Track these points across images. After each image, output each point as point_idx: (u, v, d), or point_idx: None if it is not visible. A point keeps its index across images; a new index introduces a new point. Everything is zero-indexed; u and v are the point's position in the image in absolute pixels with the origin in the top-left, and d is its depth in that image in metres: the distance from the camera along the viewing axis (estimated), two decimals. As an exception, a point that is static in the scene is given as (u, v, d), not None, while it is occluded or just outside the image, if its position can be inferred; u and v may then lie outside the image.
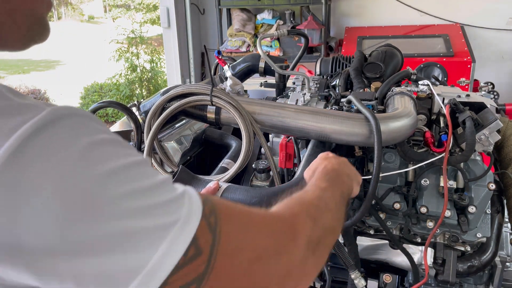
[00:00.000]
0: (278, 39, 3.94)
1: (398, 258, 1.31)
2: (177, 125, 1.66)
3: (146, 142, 1.33)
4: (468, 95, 1.33)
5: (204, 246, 0.46)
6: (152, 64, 8.03)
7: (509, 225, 1.35)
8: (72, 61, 13.43)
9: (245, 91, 1.65)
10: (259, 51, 1.55)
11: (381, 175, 1.15)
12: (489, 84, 1.61)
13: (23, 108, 0.44)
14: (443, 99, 1.30)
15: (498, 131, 1.20)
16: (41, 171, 0.41)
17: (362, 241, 1.33)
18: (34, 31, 0.56)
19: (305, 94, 1.44)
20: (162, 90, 1.40)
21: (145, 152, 1.33)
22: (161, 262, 0.43)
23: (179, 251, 0.44)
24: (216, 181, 1.07)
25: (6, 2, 0.51)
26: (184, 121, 1.70)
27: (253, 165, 1.33)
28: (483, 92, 1.52)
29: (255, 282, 0.50)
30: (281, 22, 4.08)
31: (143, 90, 7.95)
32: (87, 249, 0.42)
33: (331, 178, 0.82)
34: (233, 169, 1.26)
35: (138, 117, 1.47)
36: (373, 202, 1.22)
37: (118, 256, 0.43)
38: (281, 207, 0.61)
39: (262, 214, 0.56)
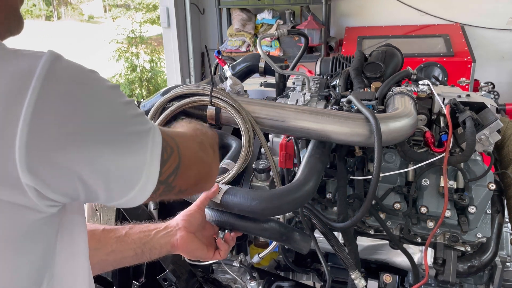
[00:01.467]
0: (278, 39, 3.94)
1: (398, 258, 1.31)
2: (177, 125, 1.66)
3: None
4: (468, 95, 1.33)
5: (174, 146, 0.69)
6: (152, 64, 8.02)
7: (509, 225, 1.35)
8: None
9: (245, 91, 1.64)
10: (259, 51, 1.55)
11: (381, 175, 1.15)
12: (489, 84, 1.61)
13: (21, 54, 0.56)
14: (443, 99, 1.30)
15: (498, 131, 1.20)
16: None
17: (362, 241, 1.33)
18: (10, 22, 0.63)
19: (305, 94, 1.44)
20: (162, 90, 1.40)
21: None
22: (152, 160, 0.64)
23: (159, 147, 0.65)
24: (217, 184, 1.07)
25: None
26: (184, 121, 1.69)
27: (253, 165, 1.33)
28: (483, 92, 1.52)
29: (200, 170, 0.79)
30: (281, 22, 4.08)
31: (143, 90, 7.95)
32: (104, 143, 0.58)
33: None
34: (233, 170, 1.26)
35: (138, 117, 1.47)
36: (373, 202, 1.21)
37: (126, 156, 0.61)
38: (190, 131, 0.85)
39: (190, 134, 0.82)
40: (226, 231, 1.08)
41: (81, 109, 0.56)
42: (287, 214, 1.31)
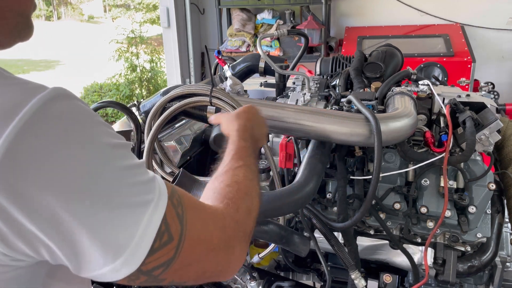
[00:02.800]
0: (278, 39, 3.93)
1: (398, 258, 1.31)
2: (177, 125, 1.66)
3: (146, 143, 1.33)
4: (468, 95, 1.33)
5: (175, 234, 0.53)
6: (152, 64, 8.02)
7: (509, 225, 1.34)
8: (72, 61, 13.42)
9: (245, 91, 1.64)
10: (259, 51, 1.55)
11: (381, 175, 1.15)
12: (489, 84, 1.61)
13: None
14: (443, 99, 1.30)
15: (498, 131, 1.20)
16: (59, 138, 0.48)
17: (362, 241, 1.33)
18: (21, 29, 0.59)
19: (305, 94, 1.44)
20: (162, 90, 1.40)
21: (145, 153, 1.33)
22: (138, 245, 0.50)
23: (154, 231, 0.51)
24: None
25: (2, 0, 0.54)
26: (184, 121, 1.70)
27: (253, 165, 1.33)
28: (483, 92, 1.52)
29: (206, 268, 0.58)
30: (281, 22, 4.08)
31: (143, 90, 7.95)
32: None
33: (245, 148, 0.84)
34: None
35: (138, 117, 1.47)
36: (373, 202, 1.21)
37: (109, 229, 0.49)
38: (219, 200, 0.66)
39: (212, 209, 0.62)
40: None
41: (63, 161, 0.46)
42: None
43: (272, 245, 1.35)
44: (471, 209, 1.21)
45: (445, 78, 2.25)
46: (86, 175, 0.48)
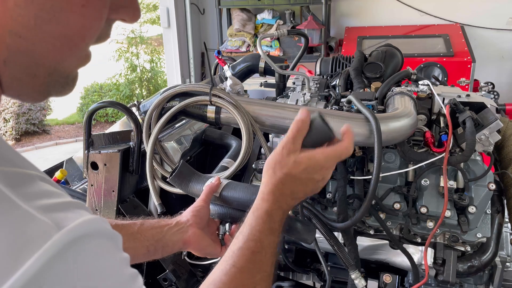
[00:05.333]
0: (278, 39, 3.93)
1: (398, 258, 1.31)
2: (177, 125, 1.66)
3: (148, 147, 1.33)
4: (468, 95, 1.33)
5: None
6: (152, 64, 8.03)
7: (509, 225, 1.35)
8: (72, 61, 13.39)
9: (245, 91, 1.64)
10: (259, 51, 1.55)
11: (381, 175, 1.15)
12: (489, 84, 1.61)
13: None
14: (443, 99, 1.30)
15: (498, 131, 1.20)
16: None
17: (362, 241, 1.33)
18: (53, 87, 0.49)
19: (305, 94, 1.44)
20: (162, 90, 1.40)
21: (147, 155, 1.33)
22: None
23: None
24: (218, 176, 1.07)
25: (28, 56, 0.45)
26: (184, 121, 1.70)
27: (253, 165, 1.33)
28: (483, 92, 1.52)
29: None
30: (281, 22, 4.08)
31: (143, 90, 7.95)
32: None
33: (273, 215, 0.77)
34: (233, 166, 1.26)
35: (138, 117, 1.47)
36: (373, 202, 1.21)
37: None
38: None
39: None
40: (227, 224, 1.07)
41: None
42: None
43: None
44: (471, 209, 1.21)
45: (445, 78, 2.26)
46: None
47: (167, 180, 1.18)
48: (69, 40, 0.46)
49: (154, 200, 1.35)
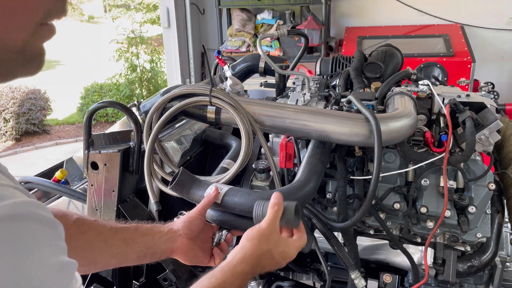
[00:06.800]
0: (278, 39, 3.94)
1: (398, 258, 1.31)
2: (177, 125, 1.66)
3: (147, 145, 1.33)
4: (468, 95, 1.33)
5: None
6: (152, 64, 8.03)
7: (509, 225, 1.35)
8: (72, 61, 13.42)
9: (245, 91, 1.64)
10: (259, 51, 1.55)
11: (381, 175, 1.15)
12: (489, 84, 1.61)
13: None
14: (443, 99, 1.30)
15: (498, 131, 1.20)
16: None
17: (362, 241, 1.33)
18: (12, 65, 0.48)
19: (305, 94, 1.44)
20: (162, 90, 1.40)
21: (146, 154, 1.33)
22: None
23: None
24: (215, 186, 1.06)
25: None
26: (184, 121, 1.70)
27: (253, 165, 1.33)
28: (483, 92, 1.52)
29: None
30: (281, 22, 4.08)
31: (143, 90, 7.96)
32: None
33: (245, 274, 0.85)
34: (232, 169, 1.26)
35: (138, 117, 1.47)
36: (373, 202, 1.21)
37: None
38: None
39: None
40: (224, 231, 1.08)
41: None
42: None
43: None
44: (471, 209, 1.21)
45: (445, 78, 2.26)
46: None
47: (168, 188, 1.17)
48: (10, 10, 0.45)
49: (150, 198, 1.35)
